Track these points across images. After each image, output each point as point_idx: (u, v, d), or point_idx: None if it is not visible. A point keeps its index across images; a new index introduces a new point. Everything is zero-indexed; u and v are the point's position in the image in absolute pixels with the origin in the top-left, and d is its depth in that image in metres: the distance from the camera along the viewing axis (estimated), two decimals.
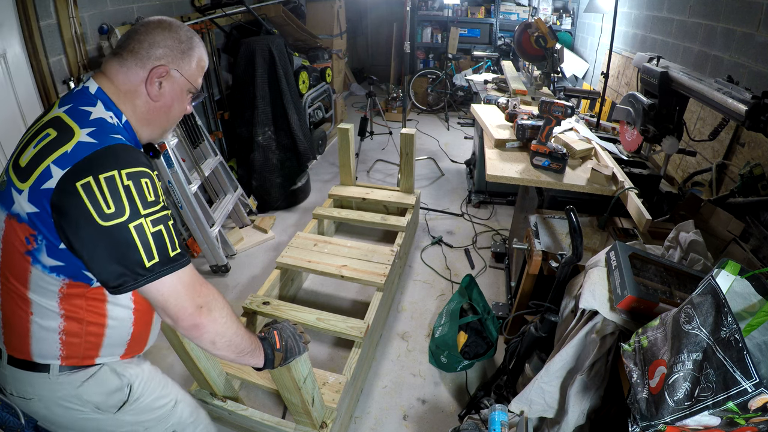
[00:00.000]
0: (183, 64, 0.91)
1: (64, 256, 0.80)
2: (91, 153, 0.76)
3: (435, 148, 4.61)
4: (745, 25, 2.25)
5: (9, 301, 0.85)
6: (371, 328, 1.94)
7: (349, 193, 2.97)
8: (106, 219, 0.74)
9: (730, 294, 0.78)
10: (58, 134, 0.78)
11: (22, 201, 0.78)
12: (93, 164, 0.75)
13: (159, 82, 0.89)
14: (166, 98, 0.91)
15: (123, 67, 0.87)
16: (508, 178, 1.92)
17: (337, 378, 1.68)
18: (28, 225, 0.78)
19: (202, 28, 3.18)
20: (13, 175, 0.81)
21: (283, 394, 1.34)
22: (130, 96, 0.88)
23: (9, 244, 0.82)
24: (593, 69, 4.54)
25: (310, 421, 1.46)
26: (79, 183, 0.73)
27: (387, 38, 6.53)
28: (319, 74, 4.15)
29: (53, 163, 0.76)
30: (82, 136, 0.77)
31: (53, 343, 0.86)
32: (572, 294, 1.33)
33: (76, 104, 0.83)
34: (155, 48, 0.88)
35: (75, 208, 0.74)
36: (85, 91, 0.86)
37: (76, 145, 0.76)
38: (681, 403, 0.73)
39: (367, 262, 2.28)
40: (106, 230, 0.74)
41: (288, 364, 1.07)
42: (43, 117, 0.86)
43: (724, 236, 1.54)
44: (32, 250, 0.80)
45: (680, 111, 1.78)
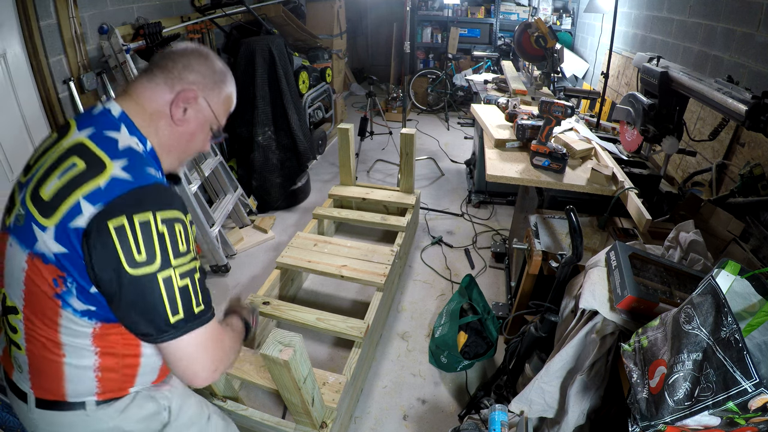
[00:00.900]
0: (212, 95, 0.88)
1: (96, 301, 0.74)
2: (127, 191, 0.70)
3: (435, 148, 4.61)
4: (745, 25, 2.25)
5: (36, 345, 0.78)
6: (371, 328, 1.94)
7: (349, 193, 2.97)
8: (136, 267, 0.69)
9: (730, 294, 0.78)
10: (86, 166, 0.71)
11: (48, 239, 0.70)
12: (128, 203, 0.69)
13: (184, 108, 0.84)
14: (189, 125, 0.86)
15: (151, 83, 0.83)
16: (508, 178, 1.92)
17: (337, 378, 1.68)
18: (56, 266, 0.71)
19: (202, 28, 3.18)
20: (33, 208, 0.72)
21: (283, 394, 1.33)
22: (155, 118, 0.82)
23: (34, 286, 0.74)
24: (593, 69, 4.54)
25: (310, 421, 1.46)
26: (111, 222, 0.67)
27: (387, 38, 6.53)
28: (319, 74, 4.15)
29: (84, 198, 0.69)
30: (115, 170, 0.71)
31: (89, 380, 0.81)
32: (572, 294, 1.33)
33: (99, 129, 0.76)
34: (188, 71, 0.84)
35: (104, 249, 0.68)
36: (106, 113, 0.79)
37: (111, 181, 0.70)
38: (681, 403, 0.73)
39: (367, 262, 2.28)
40: (133, 279, 0.69)
41: (289, 366, 1.12)
42: (60, 140, 0.77)
43: (724, 236, 1.54)
44: (62, 293, 0.72)
45: (680, 111, 1.78)
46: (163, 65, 0.84)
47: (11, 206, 0.79)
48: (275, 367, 1.18)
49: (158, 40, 2.57)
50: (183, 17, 3.00)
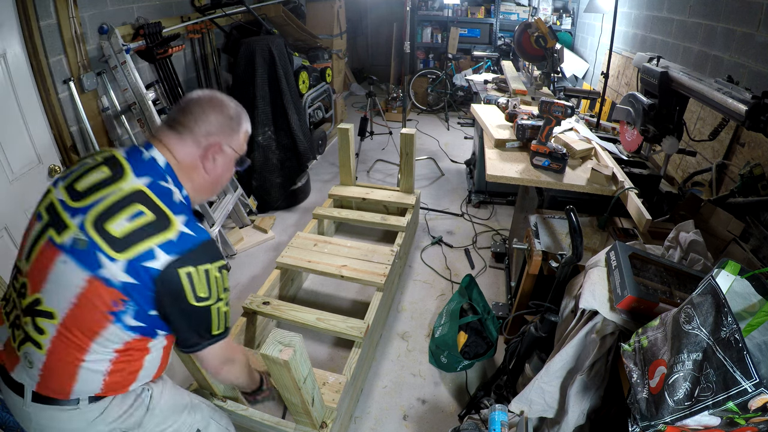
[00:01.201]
0: (233, 139, 1.02)
1: (150, 320, 0.90)
2: (193, 246, 0.89)
3: (435, 148, 4.61)
4: (745, 25, 2.25)
5: (62, 349, 0.87)
6: (371, 328, 1.94)
7: (349, 193, 2.97)
8: (198, 301, 0.90)
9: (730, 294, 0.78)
10: (155, 217, 0.87)
11: (116, 270, 0.84)
12: (195, 256, 0.88)
13: (213, 157, 0.99)
14: (218, 170, 1.02)
15: (182, 144, 0.97)
16: (508, 178, 1.92)
17: (337, 378, 1.68)
18: (120, 291, 0.85)
19: (202, 28, 3.18)
20: (101, 239, 0.84)
21: (283, 394, 1.33)
22: (189, 170, 0.98)
23: (87, 302, 0.85)
24: (593, 69, 4.54)
25: (310, 421, 1.45)
26: (183, 271, 0.87)
27: (387, 38, 6.53)
28: (319, 74, 4.15)
29: (158, 246, 0.86)
30: (179, 225, 0.89)
31: (96, 382, 0.91)
32: (572, 294, 1.33)
33: (154, 179, 0.91)
34: (209, 126, 0.97)
35: (176, 289, 0.87)
36: (154, 163, 0.94)
37: (180, 236, 0.88)
38: (681, 403, 0.73)
39: (367, 262, 2.28)
40: (195, 309, 0.90)
41: (289, 366, 1.15)
42: (117, 181, 0.89)
43: (724, 236, 1.54)
44: (117, 312, 0.86)
45: (680, 111, 1.78)
46: (186, 123, 0.97)
47: (60, 224, 0.88)
48: (275, 367, 1.18)
49: (158, 40, 2.57)
50: (183, 17, 3.00)
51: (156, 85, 2.71)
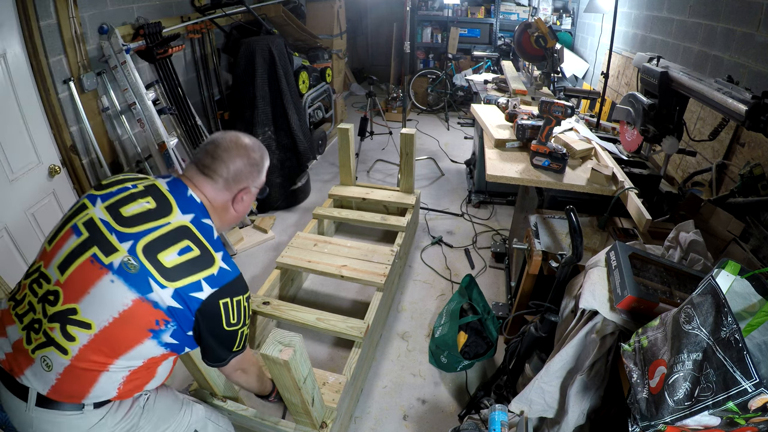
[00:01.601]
0: (258, 179, 1.13)
1: (185, 339, 0.98)
2: (230, 280, 0.99)
3: (435, 148, 4.61)
4: (745, 25, 2.25)
5: (89, 357, 0.91)
6: (371, 328, 1.94)
7: (349, 193, 2.97)
8: (230, 326, 1.01)
9: (730, 294, 0.78)
10: (201, 254, 0.97)
11: (164, 295, 0.92)
12: (231, 289, 0.99)
13: (242, 199, 1.11)
14: (246, 208, 1.15)
15: (215, 188, 1.07)
16: (508, 178, 1.92)
17: (337, 378, 1.68)
18: (165, 313, 0.93)
19: (202, 28, 3.18)
20: (152, 267, 0.92)
21: (283, 394, 1.33)
22: (221, 211, 1.10)
23: (130, 319, 0.91)
24: (593, 69, 4.54)
25: (310, 421, 1.45)
26: (221, 301, 0.97)
27: (387, 38, 6.53)
28: (319, 74, 4.15)
29: (204, 280, 0.95)
30: (220, 261, 0.99)
31: (112, 389, 0.96)
32: (572, 294, 1.33)
33: (198, 217, 1.02)
34: (238, 173, 1.07)
35: (214, 317, 0.97)
36: (194, 201, 1.03)
37: (220, 271, 0.98)
38: (681, 403, 0.73)
39: (367, 262, 2.28)
40: (226, 333, 1.01)
41: (289, 366, 1.17)
42: (165, 215, 0.98)
43: (724, 236, 1.54)
44: (157, 331, 0.94)
45: (680, 111, 1.78)
46: (217, 169, 1.06)
47: (106, 245, 0.93)
48: (275, 367, 1.18)
49: (158, 40, 2.57)
50: (183, 17, 3.00)
51: (156, 85, 2.71)
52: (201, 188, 1.06)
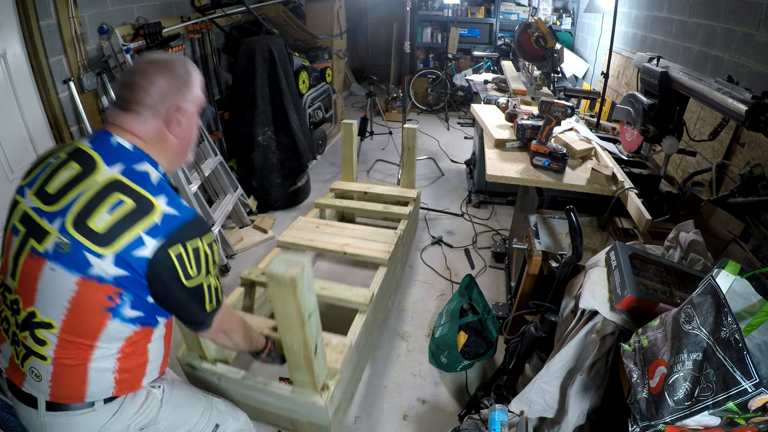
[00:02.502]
0: (189, 94, 0.97)
1: (148, 308, 0.90)
2: (179, 225, 0.87)
3: (435, 148, 4.61)
4: (745, 25, 2.25)
5: (67, 356, 0.87)
6: (377, 297, 1.84)
7: (350, 188, 2.95)
8: (190, 279, 0.89)
9: (730, 294, 0.78)
10: (136, 204, 0.85)
11: (104, 265, 0.82)
12: (182, 235, 0.87)
13: (177, 120, 0.95)
14: (186, 130, 0.99)
15: (141, 121, 0.91)
16: (508, 178, 1.92)
17: (341, 340, 1.55)
18: (114, 285, 0.84)
19: (202, 28, 3.18)
20: (83, 238, 0.82)
21: (283, 338, 1.21)
22: (159, 143, 0.95)
23: (82, 304, 0.84)
24: (593, 69, 4.53)
25: (310, 379, 1.32)
26: (171, 251, 0.85)
27: (387, 38, 6.53)
28: (319, 74, 4.15)
29: (145, 233, 0.84)
30: (162, 207, 0.87)
31: (108, 382, 0.92)
32: (572, 294, 1.33)
33: (128, 165, 0.88)
34: (162, 92, 0.92)
35: (168, 273, 0.86)
36: (123, 149, 0.90)
37: (163, 218, 0.86)
38: (681, 403, 0.73)
39: (371, 241, 2.22)
40: (190, 289, 0.89)
41: (295, 286, 1.09)
42: (91, 174, 0.86)
43: (724, 236, 1.54)
44: (115, 306, 0.86)
45: (680, 111, 1.78)
46: (137, 99, 0.91)
47: (39, 232, 0.85)
48: (279, 289, 1.07)
49: (158, 40, 2.57)
50: (183, 17, 3.00)
51: None
52: (127, 128, 0.91)
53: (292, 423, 1.47)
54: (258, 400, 1.45)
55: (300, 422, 1.45)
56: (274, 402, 1.43)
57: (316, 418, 1.41)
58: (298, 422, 1.46)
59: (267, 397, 1.41)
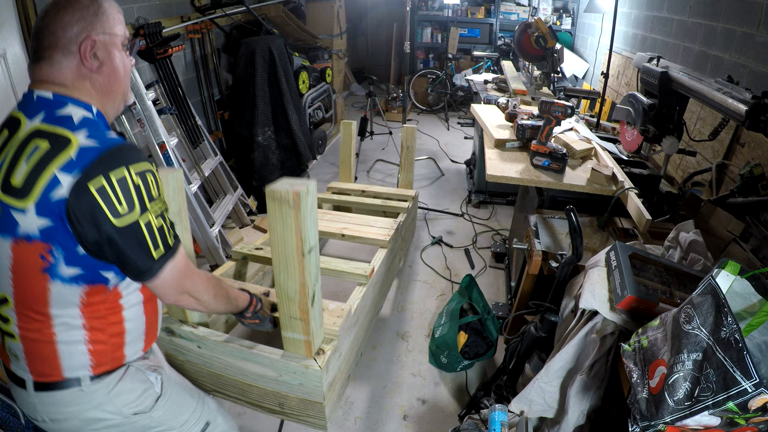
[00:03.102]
0: (102, 25, 0.86)
1: (83, 262, 0.81)
2: (98, 155, 0.76)
3: (435, 148, 4.61)
4: (745, 25, 2.25)
5: (29, 330, 0.85)
6: (377, 274, 1.77)
7: (348, 187, 2.94)
8: (119, 217, 0.77)
9: (730, 294, 0.78)
10: (50, 144, 0.76)
11: (29, 219, 0.76)
12: (103, 165, 0.76)
13: (94, 55, 0.85)
14: (107, 64, 0.88)
15: (56, 67, 0.83)
16: (508, 178, 1.92)
17: (339, 305, 1.43)
18: (41, 241, 0.77)
19: (202, 28, 3.18)
20: (7, 197, 0.77)
21: (277, 279, 1.10)
22: (80, 84, 0.85)
23: (21, 270, 0.80)
24: (593, 69, 4.54)
25: (305, 338, 1.17)
26: (91, 184, 0.74)
27: (387, 38, 6.53)
28: (319, 74, 4.15)
29: (59, 170, 0.74)
30: (80, 140, 0.77)
31: (82, 355, 0.87)
32: (572, 294, 1.33)
33: (48, 111, 0.80)
34: (69, 29, 0.83)
35: (90, 210, 0.75)
36: (43, 99, 0.82)
37: (80, 150, 0.76)
38: (681, 403, 0.73)
39: (370, 227, 2.18)
40: (119, 228, 0.78)
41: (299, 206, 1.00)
42: (14, 134, 0.80)
43: (724, 236, 1.54)
44: (50, 266, 0.79)
45: (680, 111, 1.78)
46: (46, 44, 0.83)
47: None
48: (279, 210, 0.99)
49: (158, 40, 2.57)
50: (183, 17, 3.00)
51: (156, 85, 2.71)
52: (44, 78, 0.83)
53: (279, 402, 1.30)
54: (243, 371, 1.28)
55: (289, 399, 1.28)
56: (261, 372, 1.25)
57: (309, 390, 1.23)
58: (287, 399, 1.28)
59: (253, 365, 1.25)
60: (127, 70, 0.93)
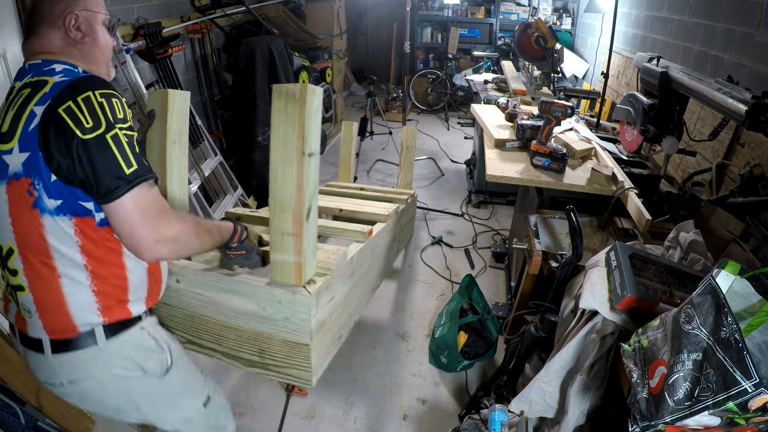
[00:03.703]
0: (84, 2, 0.95)
1: (61, 191, 0.83)
2: (66, 85, 0.83)
3: (435, 148, 4.61)
4: (745, 25, 2.25)
5: (36, 277, 0.88)
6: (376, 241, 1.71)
7: (346, 185, 2.93)
8: (86, 132, 0.80)
9: (730, 294, 0.78)
10: (31, 89, 0.84)
11: (14, 158, 0.83)
12: (70, 90, 0.82)
13: (77, 28, 0.93)
14: (90, 35, 0.96)
15: (44, 38, 0.92)
16: (508, 178, 1.92)
17: (336, 246, 1.32)
18: (24, 176, 0.82)
19: (202, 28, 3.18)
20: None
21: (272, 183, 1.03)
22: (68, 51, 0.93)
23: (17, 210, 0.85)
24: (593, 69, 4.53)
25: (297, 257, 1.05)
26: (60, 108, 0.80)
27: (387, 38, 6.53)
28: (319, 74, 4.15)
29: (35, 105, 0.82)
30: (55, 79, 0.85)
31: (87, 296, 0.90)
32: (572, 294, 1.33)
33: (37, 70, 0.88)
34: (55, 6, 0.92)
35: (58, 129, 0.80)
36: (33, 65, 0.90)
37: (53, 85, 0.83)
38: (681, 403, 0.73)
39: (369, 206, 2.13)
40: (87, 142, 0.80)
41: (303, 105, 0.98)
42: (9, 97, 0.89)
43: (724, 236, 1.54)
44: (36, 200, 0.83)
45: (680, 111, 1.78)
46: (37, 19, 0.92)
47: None
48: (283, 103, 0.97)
49: (158, 40, 2.57)
50: (183, 17, 3.00)
51: (156, 85, 2.71)
52: (35, 50, 0.92)
53: (260, 348, 1.15)
54: (221, 308, 1.15)
55: (271, 342, 1.13)
56: (242, 306, 1.11)
57: (295, 326, 1.08)
58: (268, 343, 1.13)
59: (234, 297, 1.12)
60: (108, 46, 1.02)
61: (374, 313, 2.37)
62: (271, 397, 1.89)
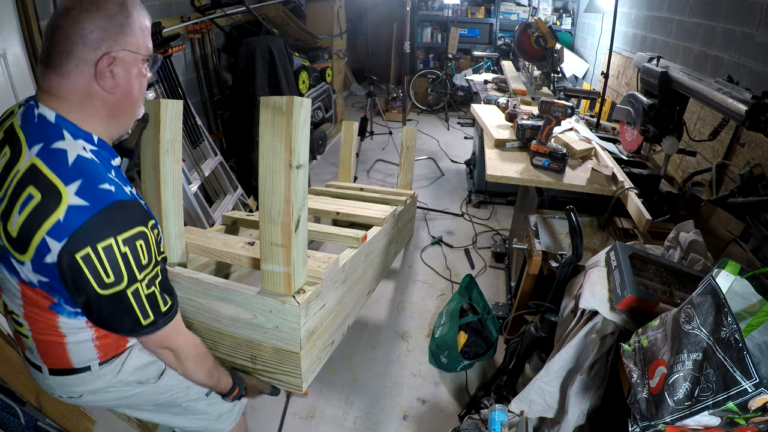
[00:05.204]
0: (126, 39, 0.77)
1: None
2: (85, 221, 0.71)
3: (435, 148, 4.61)
4: (745, 25, 2.25)
5: (40, 336, 0.88)
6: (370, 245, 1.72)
7: (345, 185, 2.93)
8: (106, 288, 0.75)
9: (730, 294, 0.78)
10: (42, 197, 0.71)
11: (28, 272, 0.76)
12: (89, 234, 0.71)
13: (110, 73, 0.77)
14: (123, 85, 0.80)
15: (66, 77, 0.75)
16: (508, 178, 1.92)
17: (327, 255, 1.34)
18: (43, 290, 0.80)
19: (202, 28, 3.18)
20: (8, 244, 0.76)
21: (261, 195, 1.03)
22: (88, 103, 0.78)
23: (31, 302, 0.83)
24: (593, 69, 4.53)
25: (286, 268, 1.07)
26: (77, 255, 0.71)
27: (387, 38, 6.53)
28: (319, 74, 4.15)
29: (47, 235, 0.71)
30: (70, 198, 0.71)
31: (90, 350, 0.92)
32: (572, 294, 1.33)
33: (46, 144, 0.74)
34: (87, 39, 0.74)
35: (78, 279, 0.73)
36: (44, 122, 0.76)
37: (67, 212, 0.71)
38: (681, 403, 0.73)
39: (366, 209, 2.14)
40: (105, 298, 0.76)
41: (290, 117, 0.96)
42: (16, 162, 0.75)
43: (724, 236, 1.54)
44: (54, 305, 0.83)
45: (680, 111, 1.78)
46: (60, 47, 0.74)
47: None
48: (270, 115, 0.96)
49: (158, 40, 2.57)
50: (183, 17, 3.00)
51: (156, 85, 2.71)
52: (51, 89, 0.76)
53: (252, 354, 1.20)
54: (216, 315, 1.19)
55: (263, 349, 1.18)
56: (235, 313, 1.15)
57: (285, 335, 1.13)
58: (260, 349, 1.18)
59: (227, 305, 1.16)
60: (142, 90, 0.86)
61: (374, 313, 2.37)
62: (270, 397, 1.89)
